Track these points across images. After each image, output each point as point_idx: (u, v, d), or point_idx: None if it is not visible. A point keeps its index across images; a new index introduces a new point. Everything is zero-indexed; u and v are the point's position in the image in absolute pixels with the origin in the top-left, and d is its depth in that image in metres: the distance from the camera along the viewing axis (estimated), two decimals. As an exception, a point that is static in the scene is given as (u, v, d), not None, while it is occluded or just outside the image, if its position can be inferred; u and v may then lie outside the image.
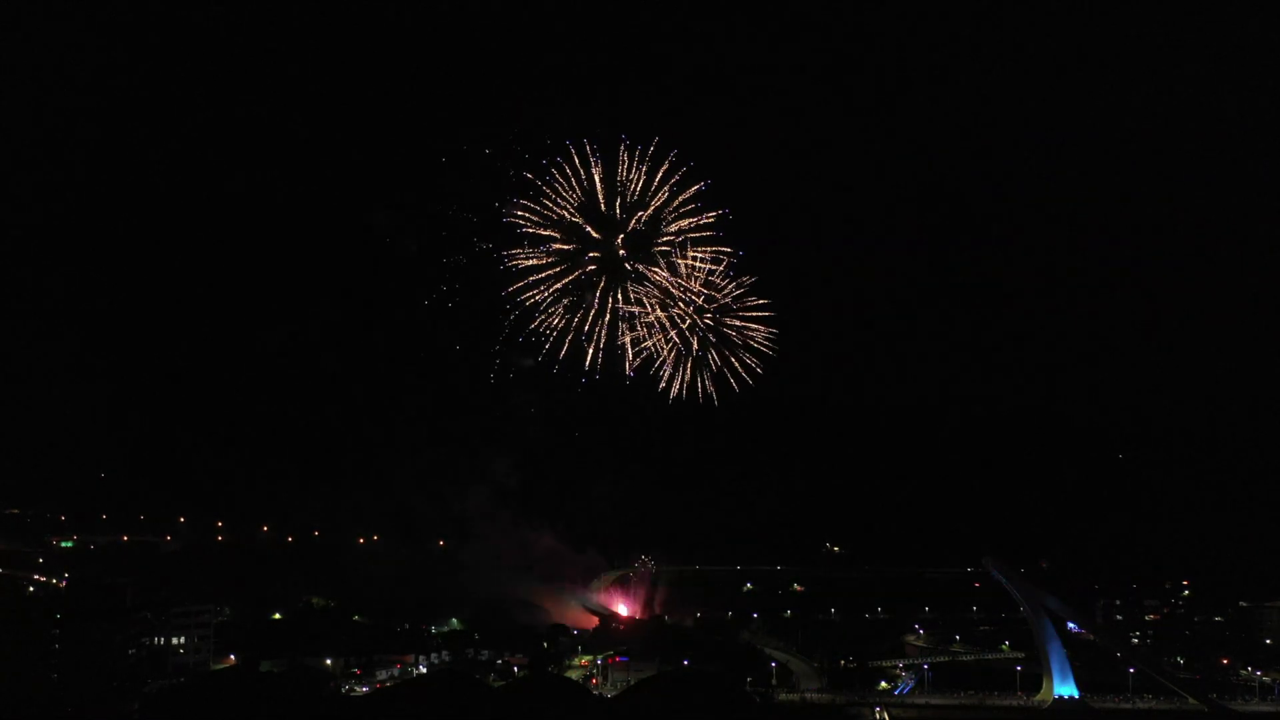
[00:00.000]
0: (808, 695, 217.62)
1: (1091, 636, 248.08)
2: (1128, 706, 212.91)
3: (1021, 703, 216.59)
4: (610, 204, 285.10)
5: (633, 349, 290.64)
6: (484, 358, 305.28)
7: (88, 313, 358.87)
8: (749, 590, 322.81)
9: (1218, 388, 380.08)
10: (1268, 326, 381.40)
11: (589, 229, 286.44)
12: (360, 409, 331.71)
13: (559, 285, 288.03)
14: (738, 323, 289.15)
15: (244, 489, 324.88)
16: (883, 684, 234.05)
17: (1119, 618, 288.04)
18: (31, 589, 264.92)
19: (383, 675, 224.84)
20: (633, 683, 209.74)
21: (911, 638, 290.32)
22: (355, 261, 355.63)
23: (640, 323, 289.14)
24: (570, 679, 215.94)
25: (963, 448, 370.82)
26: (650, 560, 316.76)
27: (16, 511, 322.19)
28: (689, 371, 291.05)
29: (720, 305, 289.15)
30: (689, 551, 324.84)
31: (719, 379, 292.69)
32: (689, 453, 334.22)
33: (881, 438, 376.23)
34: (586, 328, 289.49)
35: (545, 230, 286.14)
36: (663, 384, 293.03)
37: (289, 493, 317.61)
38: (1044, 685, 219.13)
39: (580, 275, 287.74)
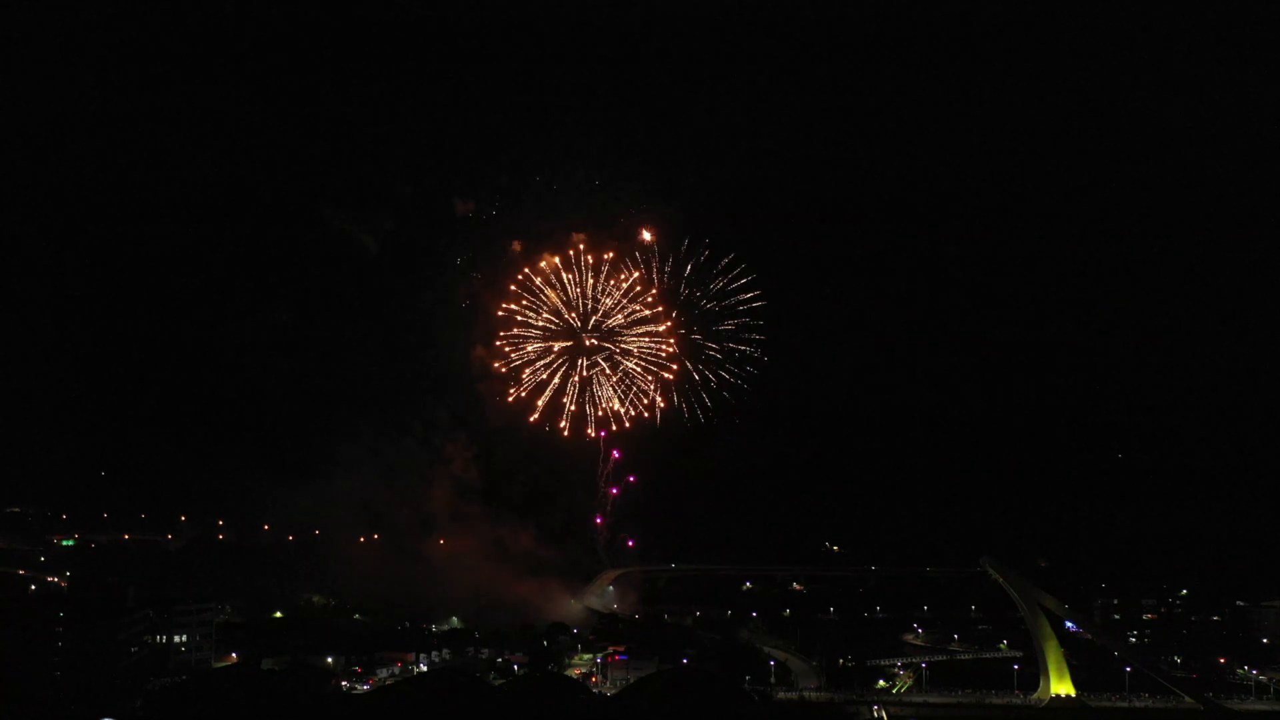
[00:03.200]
0: (806, 694, 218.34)
1: (1089, 635, 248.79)
2: (1124, 705, 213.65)
3: (1019, 701, 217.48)
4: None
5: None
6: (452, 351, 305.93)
7: (89, 312, 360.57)
8: (748, 589, 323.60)
9: (1217, 388, 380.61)
10: (1267, 326, 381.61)
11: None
12: (345, 407, 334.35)
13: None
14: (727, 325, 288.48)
15: (245, 488, 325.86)
16: (881, 682, 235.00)
17: (1116, 617, 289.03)
18: (33, 587, 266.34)
19: (383, 674, 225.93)
20: (632, 681, 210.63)
21: (910, 636, 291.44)
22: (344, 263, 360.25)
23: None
24: (570, 677, 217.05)
25: (962, 447, 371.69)
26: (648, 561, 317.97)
27: (18, 510, 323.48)
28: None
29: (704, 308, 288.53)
30: (688, 550, 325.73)
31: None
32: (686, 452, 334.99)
33: (881, 437, 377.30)
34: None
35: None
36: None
37: (289, 492, 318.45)
38: (1041, 684, 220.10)
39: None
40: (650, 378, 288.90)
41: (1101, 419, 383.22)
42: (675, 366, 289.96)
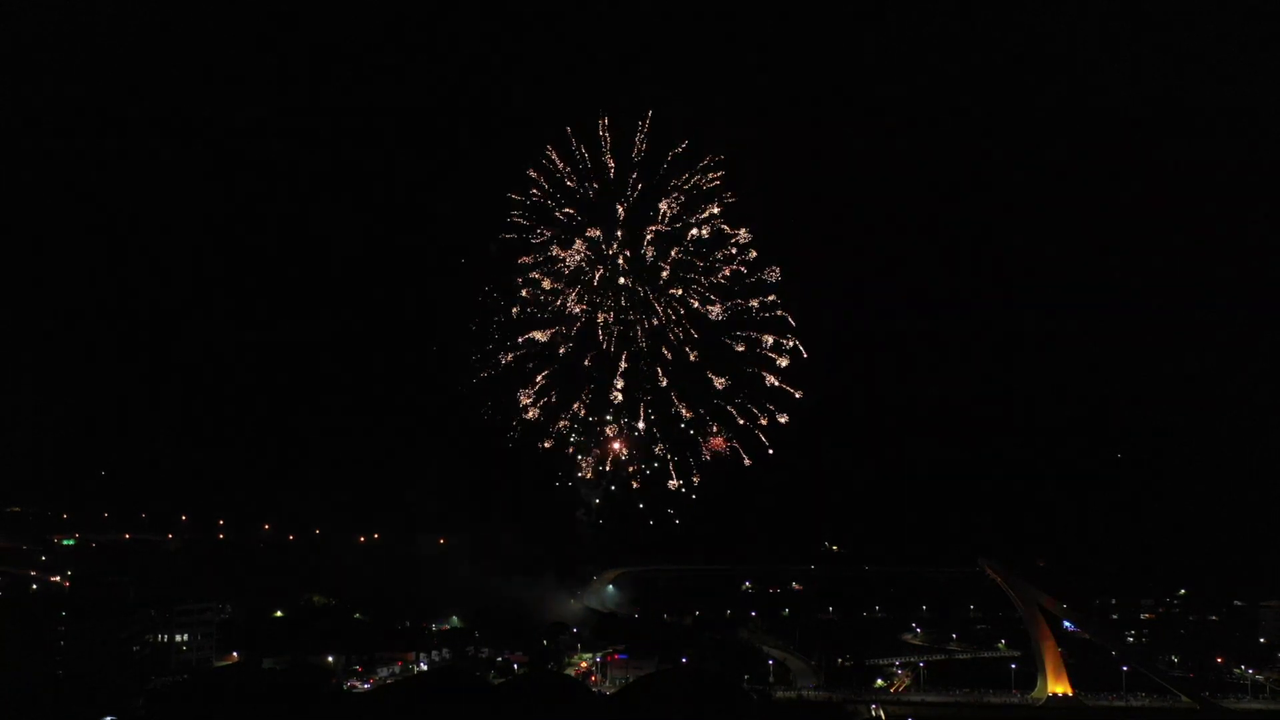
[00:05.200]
0: (805, 693, 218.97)
1: (1087, 635, 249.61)
2: (1121, 704, 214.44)
3: (1017, 700, 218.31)
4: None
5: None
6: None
7: (91, 313, 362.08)
8: (747, 589, 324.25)
9: (1217, 388, 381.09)
10: (1267, 326, 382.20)
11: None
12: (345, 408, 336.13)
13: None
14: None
15: (245, 488, 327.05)
16: (879, 682, 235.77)
17: (1114, 616, 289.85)
18: (35, 587, 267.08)
19: (384, 673, 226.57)
20: (631, 680, 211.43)
21: (909, 636, 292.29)
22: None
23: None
24: (570, 676, 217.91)
25: (962, 447, 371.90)
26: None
27: (19, 510, 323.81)
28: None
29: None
30: (687, 550, 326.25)
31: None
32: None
33: (881, 437, 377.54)
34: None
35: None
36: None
37: (290, 491, 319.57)
38: (1039, 683, 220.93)
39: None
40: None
41: (1101, 419, 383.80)
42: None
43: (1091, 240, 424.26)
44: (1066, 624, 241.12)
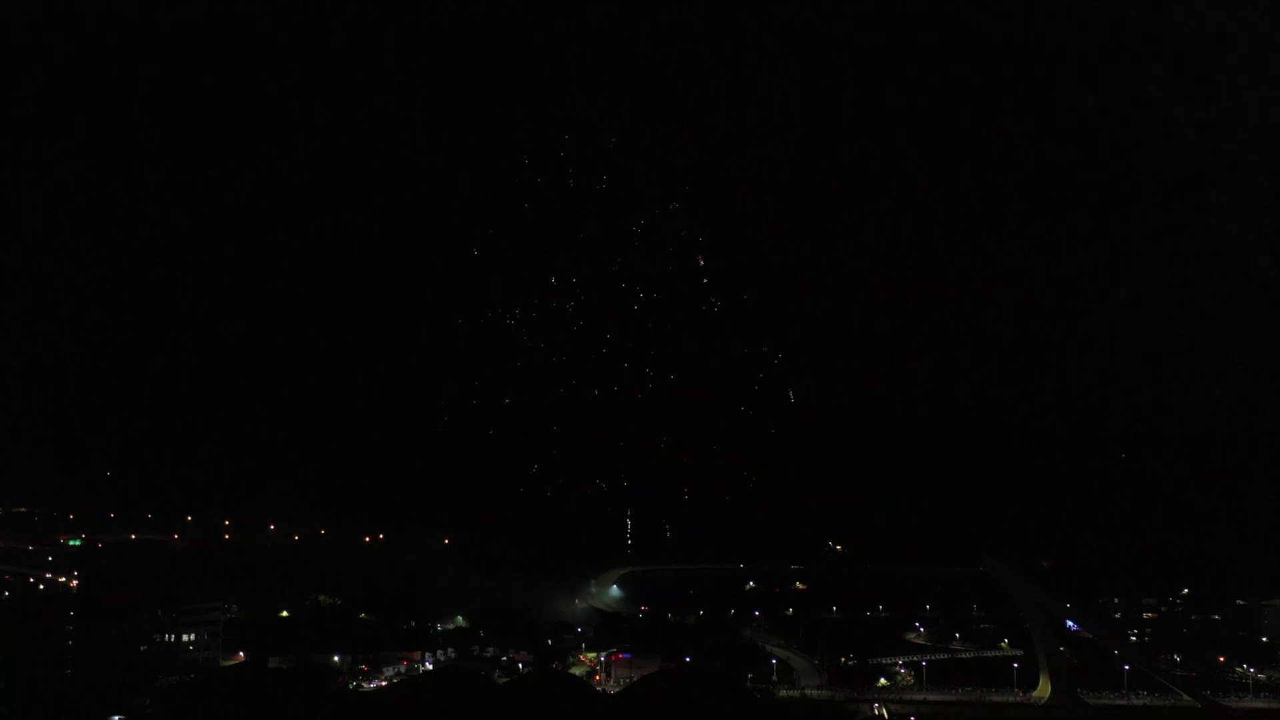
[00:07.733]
0: (808, 692, 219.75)
1: (1089, 634, 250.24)
2: (1123, 703, 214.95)
3: (1018, 699, 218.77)
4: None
5: None
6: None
7: (96, 313, 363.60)
8: (751, 588, 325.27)
9: (1217, 388, 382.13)
10: (1267, 326, 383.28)
11: None
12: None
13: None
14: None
15: (249, 488, 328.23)
16: (882, 680, 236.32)
17: (1117, 616, 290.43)
18: (42, 587, 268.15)
19: (390, 672, 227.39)
20: (635, 680, 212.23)
21: (912, 635, 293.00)
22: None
23: None
24: (574, 676, 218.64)
25: (964, 447, 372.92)
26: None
27: (24, 510, 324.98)
28: None
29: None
30: (691, 550, 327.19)
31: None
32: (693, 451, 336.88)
33: (885, 437, 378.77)
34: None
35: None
36: None
37: (293, 492, 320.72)
38: (1040, 682, 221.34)
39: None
40: None
41: (1104, 419, 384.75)
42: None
43: (1092, 240, 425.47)
44: (1069, 623, 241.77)
